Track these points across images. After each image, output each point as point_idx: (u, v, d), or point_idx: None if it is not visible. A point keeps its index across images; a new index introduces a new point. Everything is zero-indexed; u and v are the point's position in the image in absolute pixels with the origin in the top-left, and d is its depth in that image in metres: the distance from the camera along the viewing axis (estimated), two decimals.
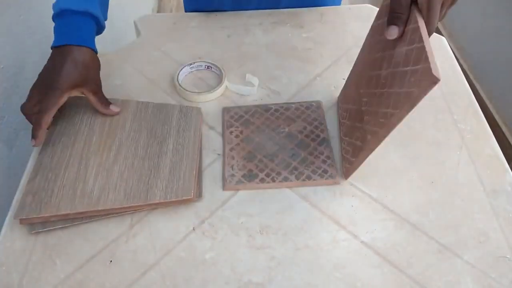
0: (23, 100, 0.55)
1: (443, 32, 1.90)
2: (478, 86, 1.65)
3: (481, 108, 0.62)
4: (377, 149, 0.57)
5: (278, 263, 0.47)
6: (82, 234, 0.50)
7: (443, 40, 0.74)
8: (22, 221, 0.50)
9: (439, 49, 0.72)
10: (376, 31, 0.52)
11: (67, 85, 0.54)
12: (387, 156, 0.57)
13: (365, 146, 0.49)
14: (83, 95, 0.58)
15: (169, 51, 0.73)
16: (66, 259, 0.48)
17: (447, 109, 0.62)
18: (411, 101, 0.40)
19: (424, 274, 0.46)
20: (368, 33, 0.54)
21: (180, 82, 0.66)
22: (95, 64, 0.58)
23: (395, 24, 0.44)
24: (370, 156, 0.56)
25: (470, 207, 0.52)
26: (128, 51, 0.73)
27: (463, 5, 1.75)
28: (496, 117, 1.55)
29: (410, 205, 0.52)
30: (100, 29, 0.60)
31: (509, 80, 1.47)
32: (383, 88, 0.47)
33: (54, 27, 0.57)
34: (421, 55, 0.40)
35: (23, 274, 0.47)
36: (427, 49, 0.39)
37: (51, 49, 0.57)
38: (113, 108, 0.60)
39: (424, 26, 0.42)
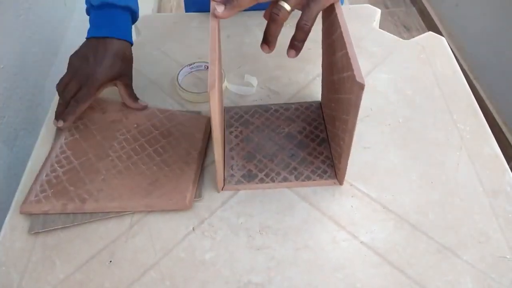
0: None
1: (443, 32, 1.90)
2: (478, 86, 1.65)
3: (481, 108, 0.62)
4: (377, 149, 0.58)
5: (277, 263, 0.47)
6: (82, 234, 0.50)
7: (443, 40, 0.73)
8: (22, 209, 0.51)
9: (439, 49, 0.72)
10: (325, 35, 0.51)
11: (107, 78, 0.57)
12: (387, 156, 0.57)
13: (342, 152, 0.49)
14: (115, 87, 0.61)
15: (169, 51, 0.73)
16: (66, 259, 0.48)
17: (447, 109, 0.62)
18: (352, 107, 0.41)
19: (424, 274, 0.46)
20: (322, 38, 0.54)
21: (180, 82, 0.66)
22: (132, 58, 0.61)
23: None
24: (370, 156, 0.57)
25: (470, 207, 0.51)
26: None
27: (463, 5, 1.75)
28: (496, 117, 1.55)
29: (410, 205, 0.52)
30: (134, 21, 0.63)
31: (509, 80, 1.47)
32: (338, 93, 0.47)
33: (92, 19, 0.59)
34: (348, 62, 0.40)
35: (23, 274, 0.47)
36: (350, 55, 0.40)
37: (88, 39, 0.59)
38: (141, 103, 0.62)
39: (348, 32, 0.42)
